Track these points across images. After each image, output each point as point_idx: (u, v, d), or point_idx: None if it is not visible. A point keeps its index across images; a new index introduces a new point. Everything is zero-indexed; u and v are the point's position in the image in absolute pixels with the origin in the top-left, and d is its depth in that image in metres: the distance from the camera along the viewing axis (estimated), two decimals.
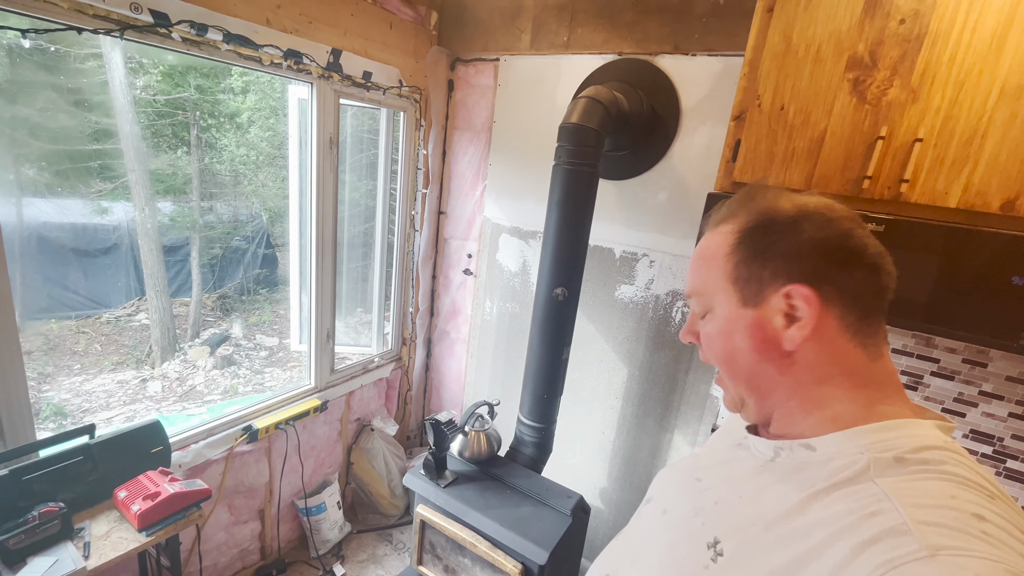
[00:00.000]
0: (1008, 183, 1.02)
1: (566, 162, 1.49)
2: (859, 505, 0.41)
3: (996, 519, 0.37)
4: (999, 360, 1.34)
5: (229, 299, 7.43)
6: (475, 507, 1.51)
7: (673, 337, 1.82)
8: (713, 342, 0.56)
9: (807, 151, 1.20)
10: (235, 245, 7.56)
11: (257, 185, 7.40)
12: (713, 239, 0.57)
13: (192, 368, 5.97)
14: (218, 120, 6.80)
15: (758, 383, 0.54)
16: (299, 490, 1.99)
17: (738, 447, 0.61)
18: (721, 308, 0.55)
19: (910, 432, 0.45)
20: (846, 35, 1.12)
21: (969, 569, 0.33)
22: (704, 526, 0.53)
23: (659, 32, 1.65)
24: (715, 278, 0.55)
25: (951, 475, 0.41)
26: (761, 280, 0.51)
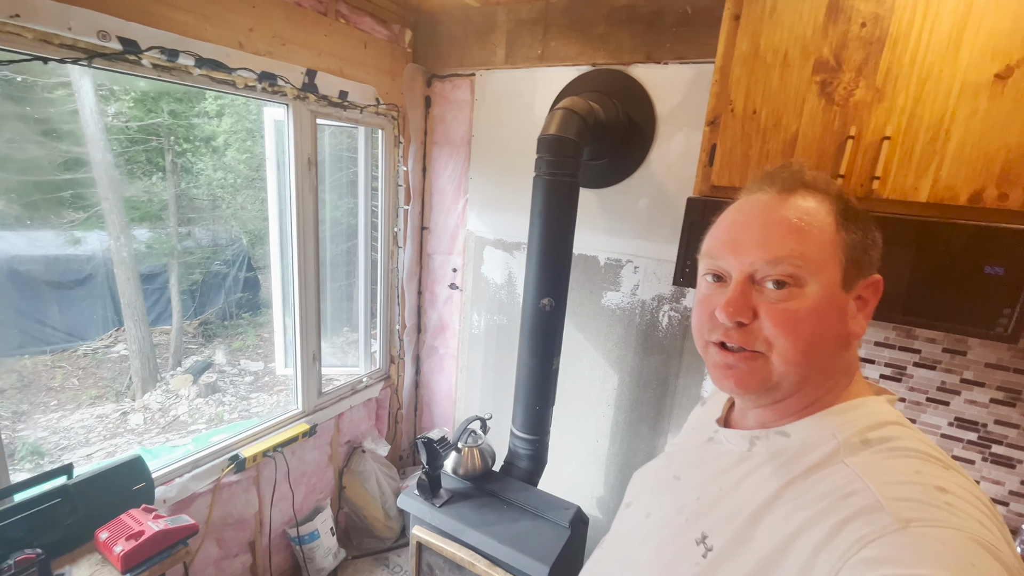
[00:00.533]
0: (974, 176, 1.05)
1: (546, 173, 1.50)
2: (835, 487, 0.43)
3: (955, 489, 0.40)
4: (977, 348, 1.37)
5: (211, 325, 7.29)
6: (472, 525, 1.48)
7: (662, 341, 1.83)
8: (801, 321, 0.49)
9: (781, 153, 1.22)
10: (215, 269, 7.44)
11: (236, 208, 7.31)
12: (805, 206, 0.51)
13: (175, 398, 5.81)
14: (193, 144, 6.72)
15: (816, 368, 0.51)
16: (290, 518, 1.94)
17: (710, 442, 0.62)
18: (821, 285, 0.49)
19: (871, 409, 0.50)
20: (811, 40, 1.15)
21: (936, 538, 0.36)
22: (690, 523, 0.54)
23: (631, 42, 1.68)
24: (826, 250, 0.49)
25: (911, 451, 0.45)
26: (861, 264, 0.51)
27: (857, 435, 0.47)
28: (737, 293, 0.51)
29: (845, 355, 0.52)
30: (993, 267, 1.01)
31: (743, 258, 0.51)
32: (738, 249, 0.52)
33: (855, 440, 0.46)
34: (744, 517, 0.48)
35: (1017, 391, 1.34)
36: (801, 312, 0.49)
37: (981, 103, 1.03)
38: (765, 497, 0.48)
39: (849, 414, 0.49)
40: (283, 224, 1.90)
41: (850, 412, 0.49)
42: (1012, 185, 1.03)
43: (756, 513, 0.47)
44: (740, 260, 0.51)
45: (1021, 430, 1.35)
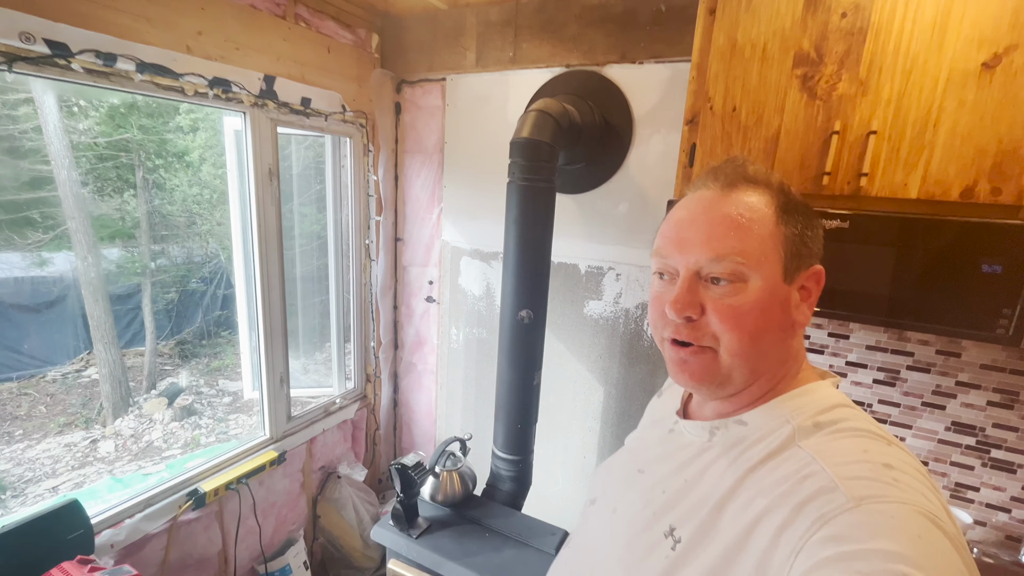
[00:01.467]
0: (965, 170, 1.00)
1: (520, 178, 1.43)
2: (793, 470, 0.46)
3: (900, 464, 0.43)
4: (972, 349, 1.32)
5: (188, 345, 7.07)
6: (452, 557, 1.38)
7: (647, 351, 1.76)
8: (744, 316, 0.50)
9: (764, 151, 1.16)
10: (192, 288, 7.23)
11: (212, 224, 7.13)
12: (746, 201, 0.52)
13: (148, 423, 5.58)
14: (166, 160, 6.55)
15: (763, 360, 0.53)
16: (259, 554, 1.81)
17: (671, 433, 0.63)
18: (763, 279, 0.51)
19: (820, 394, 0.52)
20: (790, 32, 1.10)
21: (886, 513, 0.39)
22: (657, 516, 0.54)
23: (605, 42, 1.62)
24: (765, 246, 0.51)
25: (858, 430, 0.47)
26: (801, 256, 0.52)
27: (809, 419, 0.49)
28: (683, 290, 0.53)
29: (791, 344, 0.54)
30: (991, 265, 0.96)
31: (688, 256, 0.53)
32: (683, 247, 0.54)
33: (808, 424, 0.49)
34: (709, 507, 0.49)
35: (1015, 392, 1.29)
36: (745, 307, 0.51)
37: (969, 94, 0.98)
38: (728, 486, 0.49)
39: (800, 400, 0.52)
40: (246, 240, 1.79)
41: (801, 398, 0.52)
42: (1005, 179, 0.98)
43: (720, 502, 0.49)
44: (686, 258, 0.53)
45: (1020, 433, 1.30)
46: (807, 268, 0.53)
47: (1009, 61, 0.95)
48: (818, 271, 0.53)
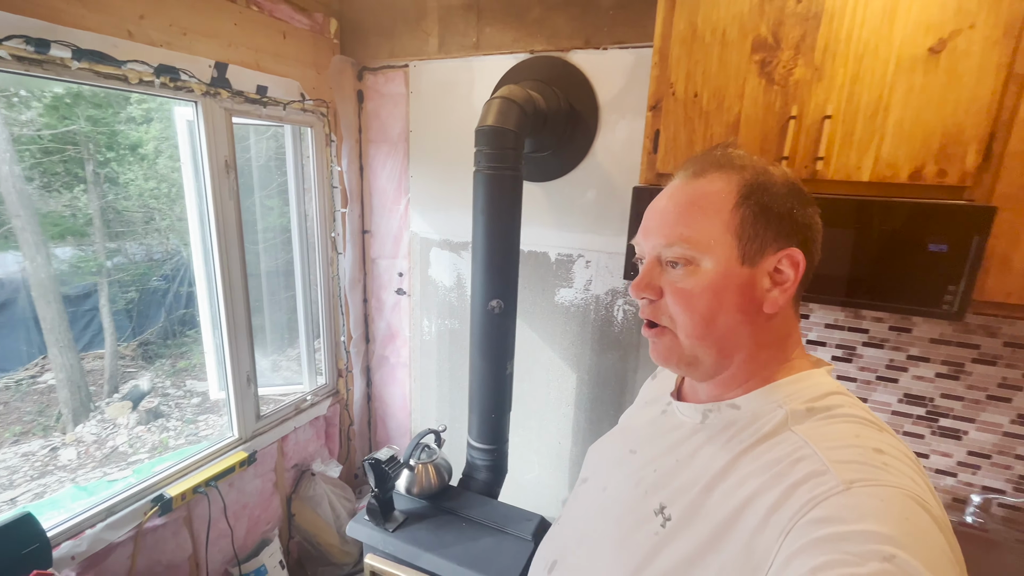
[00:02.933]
0: (914, 153, 1.04)
1: (486, 167, 1.41)
2: (785, 453, 0.46)
3: (890, 450, 0.44)
4: (922, 324, 1.38)
5: (152, 345, 6.80)
6: (429, 548, 1.38)
7: (618, 336, 1.78)
8: (695, 299, 0.52)
9: (725, 136, 1.18)
10: (153, 286, 6.95)
11: (173, 219, 6.84)
12: (706, 188, 0.54)
13: (112, 428, 5.38)
14: (118, 153, 6.22)
15: (727, 343, 0.53)
16: (232, 557, 1.77)
17: (663, 414, 0.63)
18: (715, 263, 0.52)
19: (814, 382, 0.52)
20: (748, 17, 1.11)
21: (875, 496, 0.40)
22: (648, 495, 0.55)
23: (568, 27, 1.61)
24: (715, 230, 0.52)
25: (850, 416, 0.48)
26: (763, 239, 0.52)
27: (803, 404, 0.50)
28: (643, 274, 0.56)
29: (769, 327, 0.54)
30: (937, 244, 1.00)
31: (650, 241, 0.56)
32: (647, 233, 0.57)
33: (801, 409, 0.49)
34: (700, 486, 0.50)
35: (960, 364, 1.36)
36: (696, 289, 0.52)
37: (917, 78, 1.01)
38: (720, 467, 0.50)
39: (794, 386, 0.52)
40: (204, 234, 1.72)
41: (795, 385, 0.52)
42: (950, 161, 1.02)
43: (711, 482, 0.50)
44: (649, 244, 0.56)
45: (965, 402, 1.37)
46: (776, 251, 0.52)
47: (954, 46, 0.98)
48: (791, 254, 0.52)
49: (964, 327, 1.34)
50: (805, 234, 0.53)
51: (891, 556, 0.36)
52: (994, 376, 1.34)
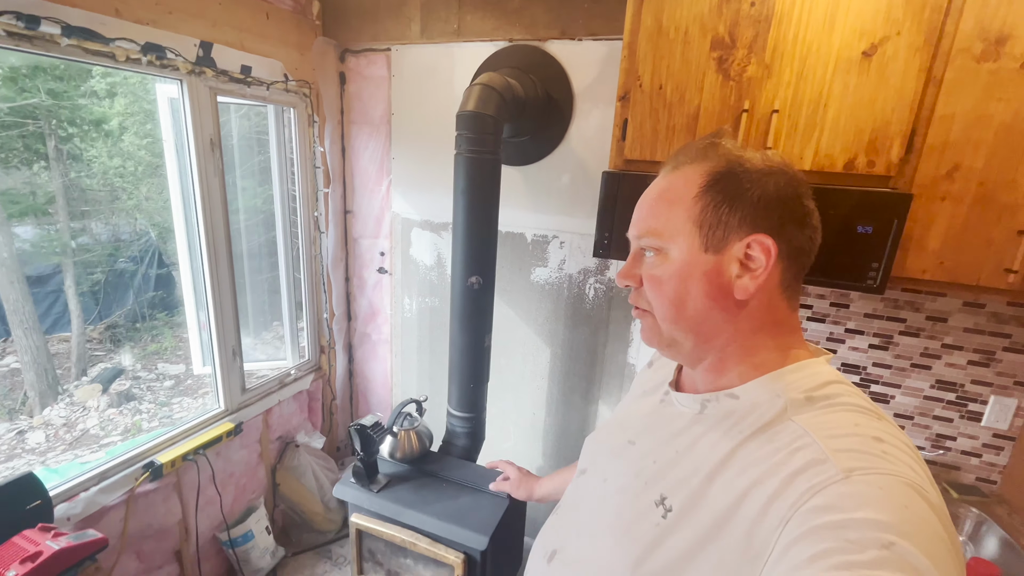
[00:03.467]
0: (848, 146, 1.17)
1: (467, 150, 1.49)
2: (784, 443, 0.47)
3: (889, 438, 0.45)
4: (858, 300, 1.54)
5: (120, 328, 6.65)
6: (411, 506, 1.49)
7: (590, 313, 1.90)
8: (663, 285, 0.55)
9: (685, 127, 1.29)
10: (120, 268, 6.75)
11: (139, 199, 6.64)
12: (676, 179, 0.56)
13: (82, 410, 5.29)
14: (81, 128, 5.99)
15: (702, 328, 0.55)
16: (220, 522, 1.85)
17: (662, 404, 0.63)
18: (679, 251, 0.54)
19: (813, 371, 0.52)
20: (708, 17, 1.21)
21: (874, 484, 0.40)
22: (648, 486, 0.55)
23: (546, 18, 1.69)
24: (678, 219, 0.54)
25: (849, 405, 0.48)
26: (728, 227, 0.52)
27: (802, 394, 0.50)
28: (626, 263, 0.60)
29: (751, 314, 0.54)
30: (864, 226, 1.14)
31: (631, 233, 0.60)
32: (630, 226, 0.60)
33: (800, 398, 0.50)
34: (700, 477, 0.50)
35: (889, 336, 1.53)
36: (664, 276, 0.55)
37: (852, 78, 1.14)
38: (720, 457, 0.50)
39: (793, 375, 0.52)
40: (188, 213, 1.75)
41: (794, 373, 0.52)
42: (878, 153, 1.15)
43: (711, 472, 0.50)
44: (631, 235, 0.61)
45: (893, 370, 1.54)
46: (742, 238, 0.52)
47: (883, 51, 1.11)
48: (757, 239, 0.51)
49: (893, 303, 1.50)
50: (781, 219, 0.52)
51: (890, 544, 0.36)
52: (917, 347, 1.51)
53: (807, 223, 0.54)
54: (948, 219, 1.14)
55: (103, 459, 1.48)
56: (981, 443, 1.50)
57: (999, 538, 1.32)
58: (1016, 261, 1.10)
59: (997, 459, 1.50)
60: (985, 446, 1.50)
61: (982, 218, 1.12)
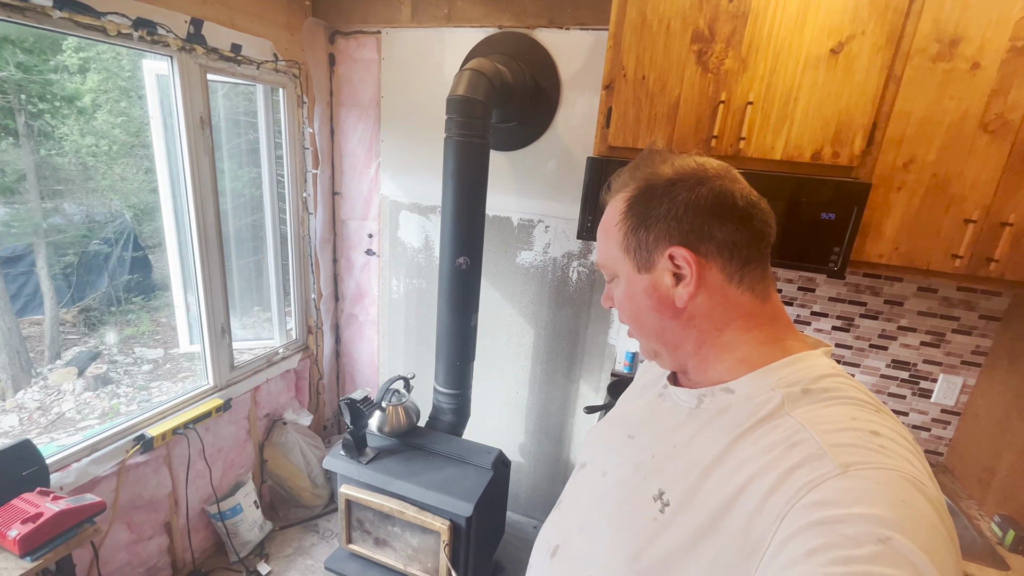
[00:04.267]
0: (815, 137, 1.25)
1: (456, 134, 1.54)
2: (782, 437, 0.47)
3: (887, 432, 0.45)
4: (823, 285, 1.65)
5: (95, 312, 6.50)
6: (399, 476, 1.55)
7: (572, 295, 1.97)
8: (622, 305, 0.60)
9: (666, 116, 1.36)
10: (94, 250, 6.59)
11: (114, 179, 6.46)
12: (609, 210, 0.60)
13: (57, 394, 5.19)
14: (52, 104, 5.79)
15: (666, 337, 0.58)
16: (209, 495, 1.88)
17: (660, 399, 0.64)
18: (623, 274, 0.58)
19: (809, 364, 0.52)
20: (689, 11, 1.28)
21: (872, 479, 0.41)
22: (647, 480, 0.56)
23: (535, 6, 1.73)
24: (612, 250, 0.59)
25: (847, 398, 0.48)
26: (648, 246, 0.55)
27: (799, 387, 0.50)
28: (606, 288, 0.64)
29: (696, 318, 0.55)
30: (827, 213, 1.23)
31: None
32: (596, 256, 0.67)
33: (796, 391, 0.49)
34: (698, 471, 0.50)
35: (851, 318, 1.63)
36: (620, 298, 0.60)
37: (820, 74, 1.21)
38: (717, 451, 0.50)
39: (788, 368, 0.52)
40: (176, 191, 1.76)
41: (790, 367, 0.52)
42: (843, 144, 1.24)
43: (708, 467, 0.50)
44: None
45: (854, 350, 1.65)
46: (662, 253, 0.54)
47: (849, 48, 1.19)
48: (673, 254, 0.53)
49: (855, 288, 1.61)
50: (697, 222, 0.53)
51: (887, 539, 0.37)
52: (876, 328, 1.62)
53: (728, 216, 0.53)
54: (903, 207, 1.24)
55: (94, 431, 1.50)
56: (931, 418, 1.63)
57: None
58: (962, 247, 1.21)
59: (944, 433, 1.62)
60: (934, 420, 1.62)
61: (933, 207, 1.22)
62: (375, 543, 1.69)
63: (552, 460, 2.20)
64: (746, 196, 0.54)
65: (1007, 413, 1.40)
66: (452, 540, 1.51)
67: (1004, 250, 1.18)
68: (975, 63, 1.12)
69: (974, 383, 1.55)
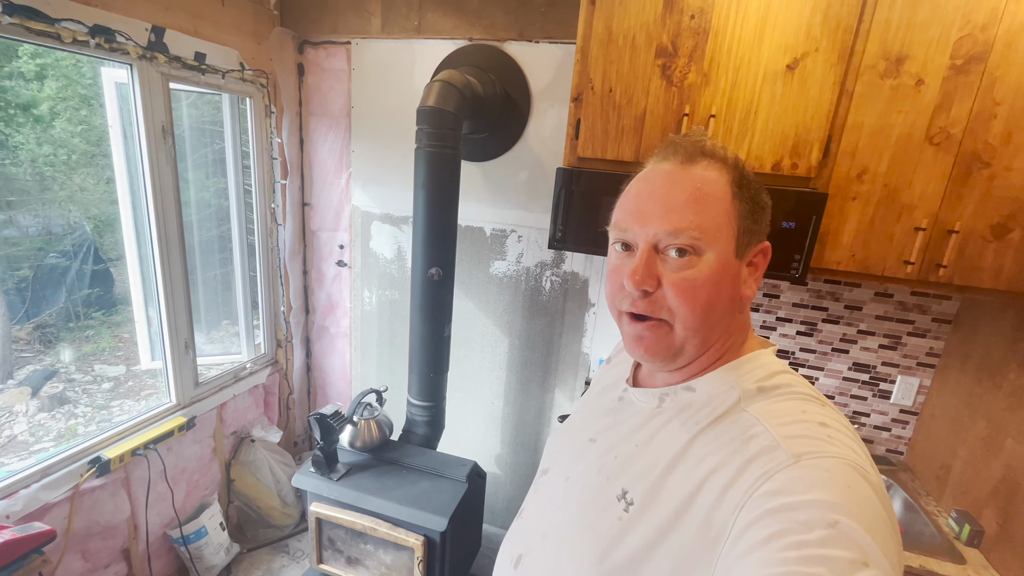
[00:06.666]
0: (775, 149, 1.30)
1: (427, 145, 1.53)
2: (739, 432, 0.49)
3: (833, 423, 0.48)
4: (787, 291, 1.70)
5: (51, 328, 6.19)
6: (371, 492, 1.52)
7: (546, 304, 1.98)
8: (698, 290, 0.52)
9: (633, 128, 1.39)
10: (51, 263, 6.29)
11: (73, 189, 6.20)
12: (706, 175, 0.53)
13: (8, 415, 4.91)
14: (6, 112, 5.54)
15: (716, 331, 0.55)
16: (171, 519, 1.80)
17: (620, 401, 0.65)
18: (717, 254, 0.52)
19: (762, 362, 0.55)
20: (653, 27, 1.31)
21: (821, 467, 0.43)
22: (610, 481, 0.56)
23: (504, 19, 1.75)
24: (721, 220, 0.52)
25: (797, 394, 0.51)
26: (753, 234, 0.54)
27: (754, 384, 0.52)
28: (642, 263, 0.53)
29: (739, 316, 0.57)
30: (788, 222, 1.27)
31: (648, 228, 0.53)
32: (643, 219, 0.53)
33: (752, 388, 0.52)
34: (660, 469, 0.52)
35: (813, 323, 1.69)
36: (699, 280, 0.52)
37: (778, 89, 1.26)
38: (678, 448, 0.52)
39: (745, 367, 0.54)
40: (136, 202, 1.70)
41: (746, 365, 0.54)
42: (800, 156, 1.29)
43: (670, 464, 0.51)
44: (645, 231, 0.53)
45: (817, 354, 1.71)
46: (757, 244, 0.55)
47: (804, 65, 1.24)
48: (765, 247, 0.56)
49: (817, 294, 1.66)
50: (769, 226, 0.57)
51: (835, 522, 0.39)
52: (837, 333, 1.68)
53: None
54: (858, 216, 1.29)
55: (47, 455, 1.43)
56: (890, 418, 1.69)
57: (902, 500, 1.50)
58: (913, 254, 1.26)
59: (904, 432, 1.68)
60: (894, 421, 1.68)
61: (886, 216, 1.27)
62: (347, 562, 1.64)
63: (529, 470, 2.19)
64: None
65: (959, 412, 1.46)
66: (427, 556, 1.49)
67: (951, 256, 1.24)
68: (919, 79, 1.19)
69: (930, 384, 1.62)
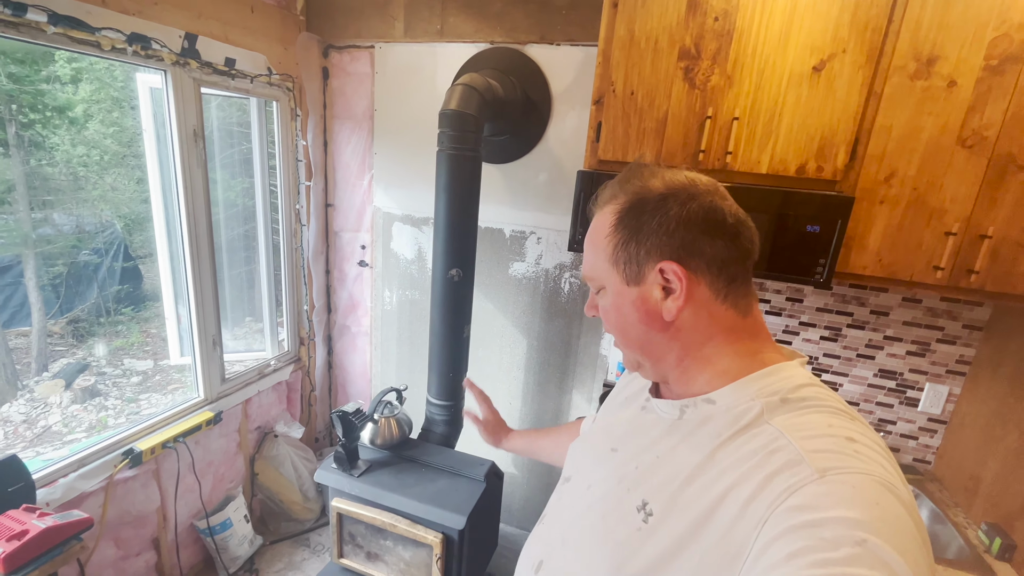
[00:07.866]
0: (800, 152, 1.28)
1: (449, 147, 1.55)
2: (762, 445, 0.48)
3: (861, 438, 0.46)
4: (811, 296, 1.67)
5: (83, 323, 6.42)
6: (391, 489, 1.54)
7: (564, 306, 1.99)
8: (608, 315, 0.61)
9: (654, 131, 1.38)
10: (83, 260, 6.53)
11: (105, 189, 6.42)
12: (597, 222, 0.61)
13: (44, 407, 5.11)
14: (44, 115, 5.77)
15: (650, 349, 0.59)
16: (198, 510, 1.86)
17: (643, 411, 0.65)
18: (611, 286, 0.59)
19: (786, 374, 0.53)
20: (676, 29, 1.31)
21: (848, 483, 0.42)
22: (630, 492, 0.56)
23: (526, 23, 1.76)
24: (600, 262, 0.59)
25: (824, 406, 0.50)
26: (638, 260, 0.56)
27: (777, 397, 0.51)
28: (590, 297, 0.65)
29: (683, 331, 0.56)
30: (813, 226, 1.25)
31: None
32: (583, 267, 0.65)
33: (776, 401, 0.51)
34: (680, 481, 0.51)
35: (838, 328, 1.66)
36: (606, 309, 0.61)
37: (804, 91, 1.25)
38: (698, 460, 0.51)
39: (767, 379, 0.53)
40: (168, 203, 1.76)
41: (768, 377, 0.53)
42: (826, 159, 1.27)
43: (690, 476, 0.51)
44: None
45: (841, 360, 1.68)
46: (653, 267, 0.55)
47: (831, 66, 1.22)
48: (664, 268, 0.54)
49: (842, 298, 1.63)
50: (688, 238, 0.54)
51: (863, 541, 0.38)
52: (863, 338, 1.64)
53: (719, 233, 0.54)
54: (886, 220, 1.27)
55: (82, 446, 1.49)
56: (918, 427, 1.65)
57: (929, 510, 1.46)
58: (943, 259, 1.23)
59: (932, 441, 1.64)
60: (921, 429, 1.64)
61: (915, 220, 1.25)
62: (367, 557, 1.67)
63: (545, 472, 2.19)
64: (735, 214, 0.55)
65: (991, 421, 1.42)
66: (445, 553, 1.50)
67: (984, 262, 1.20)
68: (952, 81, 1.16)
69: (959, 392, 1.58)
